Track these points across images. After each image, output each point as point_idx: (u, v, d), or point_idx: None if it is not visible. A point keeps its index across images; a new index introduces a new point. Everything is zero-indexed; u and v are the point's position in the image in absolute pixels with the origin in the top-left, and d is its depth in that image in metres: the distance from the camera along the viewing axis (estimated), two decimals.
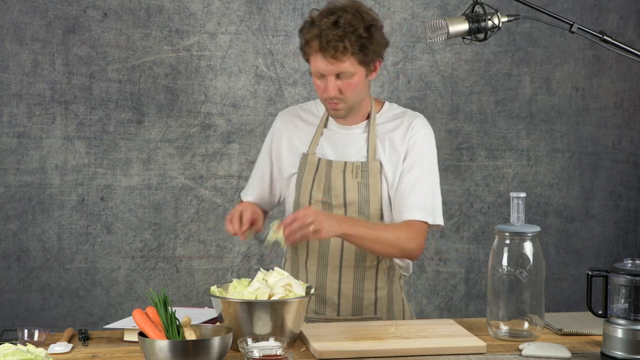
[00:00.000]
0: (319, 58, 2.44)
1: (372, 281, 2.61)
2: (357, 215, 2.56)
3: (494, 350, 2.24)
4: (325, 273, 2.59)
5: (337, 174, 2.57)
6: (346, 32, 2.41)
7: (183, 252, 3.88)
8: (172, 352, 1.98)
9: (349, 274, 2.59)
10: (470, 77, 4.02)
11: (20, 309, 3.76)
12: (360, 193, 2.56)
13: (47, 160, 3.76)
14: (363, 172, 2.56)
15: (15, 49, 3.70)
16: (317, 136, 2.62)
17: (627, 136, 4.17)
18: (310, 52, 2.46)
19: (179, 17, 3.79)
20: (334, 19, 2.43)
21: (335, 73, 2.46)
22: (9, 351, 1.98)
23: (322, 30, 2.42)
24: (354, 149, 2.59)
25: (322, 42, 2.42)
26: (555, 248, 4.14)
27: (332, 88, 2.47)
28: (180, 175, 3.85)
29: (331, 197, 2.57)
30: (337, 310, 2.61)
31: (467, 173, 4.05)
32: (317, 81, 2.51)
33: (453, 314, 4.05)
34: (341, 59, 2.43)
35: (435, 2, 3.95)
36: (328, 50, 2.42)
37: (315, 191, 2.58)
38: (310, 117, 2.67)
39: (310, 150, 2.61)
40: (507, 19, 2.40)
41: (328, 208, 2.57)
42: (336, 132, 2.62)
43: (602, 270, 2.16)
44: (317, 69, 2.47)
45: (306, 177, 2.60)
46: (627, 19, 4.11)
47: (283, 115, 2.71)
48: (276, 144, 2.69)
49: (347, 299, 2.60)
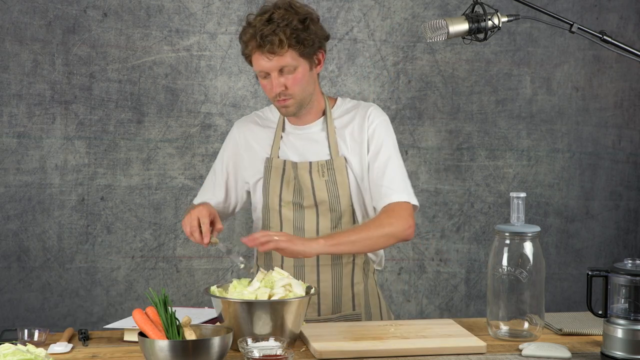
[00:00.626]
0: (258, 56, 2.46)
1: (349, 277, 2.61)
2: (329, 214, 2.57)
3: (494, 350, 2.24)
4: (302, 274, 2.59)
5: (304, 175, 2.57)
6: (280, 25, 2.44)
7: (183, 252, 3.88)
8: (172, 352, 1.98)
9: (326, 273, 2.59)
10: (470, 77, 4.02)
11: (20, 309, 3.76)
12: (329, 191, 2.56)
13: (47, 160, 3.76)
14: (329, 170, 2.56)
15: (15, 49, 3.70)
16: (277, 139, 2.62)
17: (627, 136, 4.17)
18: (251, 52, 2.48)
19: (179, 17, 3.79)
20: (267, 16, 2.46)
21: (277, 69, 2.47)
22: (9, 351, 1.98)
23: (257, 28, 2.44)
24: (315, 148, 2.59)
25: (257, 39, 2.44)
26: (555, 248, 4.14)
27: (277, 84, 2.48)
28: (180, 175, 3.85)
29: (302, 198, 2.57)
30: (317, 310, 2.61)
31: (468, 173, 4.05)
32: (262, 82, 2.52)
33: (453, 314, 4.05)
34: (279, 53, 2.45)
35: (435, 2, 3.95)
36: (265, 46, 2.43)
37: (285, 194, 2.58)
38: (267, 122, 2.67)
39: (273, 153, 2.61)
40: (507, 19, 2.40)
41: (299, 209, 2.58)
42: (294, 133, 2.62)
43: (602, 270, 2.16)
44: (260, 68, 2.48)
45: (273, 181, 2.60)
46: (627, 19, 4.11)
47: (239, 124, 2.71)
48: (234, 154, 2.68)
49: (327, 297, 2.60)
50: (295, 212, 2.58)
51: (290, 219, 2.59)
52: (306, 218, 2.58)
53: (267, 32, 2.43)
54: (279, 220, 2.60)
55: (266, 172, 2.61)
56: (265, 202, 2.62)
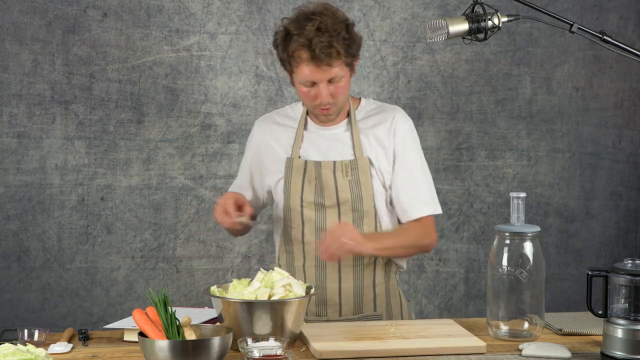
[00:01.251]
0: (311, 67, 2.43)
1: (370, 278, 2.61)
2: (351, 213, 2.57)
3: (494, 350, 2.24)
4: (324, 275, 2.59)
5: (327, 174, 2.56)
6: (332, 36, 2.41)
7: (183, 252, 3.88)
8: (172, 352, 1.98)
9: (348, 273, 2.59)
10: (470, 77, 4.02)
11: (20, 309, 3.76)
12: (352, 191, 2.56)
13: (47, 160, 3.76)
14: (353, 170, 2.56)
15: (15, 49, 3.70)
16: (299, 139, 2.61)
17: (627, 136, 4.17)
18: (298, 62, 2.44)
19: (179, 17, 3.79)
20: (316, 25, 2.41)
21: (327, 79, 2.45)
22: (9, 351, 1.98)
23: (310, 38, 2.40)
24: (340, 148, 2.59)
25: (313, 51, 2.40)
26: (555, 248, 4.15)
27: (326, 95, 2.47)
28: (180, 175, 3.85)
29: (324, 198, 2.57)
30: (338, 310, 2.61)
31: (467, 173, 4.05)
32: (304, 89, 2.49)
33: (453, 314, 4.05)
34: (333, 64, 2.43)
35: (435, 2, 3.95)
36: (321, 59, 2.41)
37: (306, 194, 2.58)
38: (288, 121, 2.66)
39: (293, 153, 2.60)
40: (507, 19, 2.40)
41: (321, 209, 2.57)
42: (318, 133, 2.62)
43: (602, 270, 2.16)
44: (308, 78, 2.45)
45: (294, 180, 2.59)
46: (627, 19, 4.11)
47: (260, 124, 2.70)
48: (255, 154, 2.68)
49: (348, 298, 2.60)
50: (316, 212, 2.58)
51: (312, 219, 2.58)
52: (328, 218, 2.58)
53: (321, 43, 2.39)
54: (300, 221, 2.60)
55: (287, 172, 2.60)
56: (286, 202, 2.61)
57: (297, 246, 2.61)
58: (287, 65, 2.50)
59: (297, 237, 2.60)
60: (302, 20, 2.44)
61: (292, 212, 2.60)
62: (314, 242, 2.57)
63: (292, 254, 2.63)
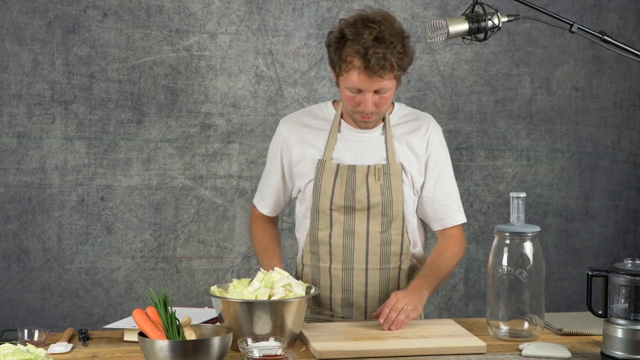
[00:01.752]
0: (363, 76, 2.41)
1: (395, 281, 2.62)
2: (380, 218, 2.57)
3: (494, 350, 2.25)
4: (351, 277, 2.60)
5: (360, 178, 2.56)
6: (389, 48, 2.39)
7: (183, 253, 3.88)
8: (172, 352, 1.98)
9: (374, 277, 2.60)
10: (470, 77, 4.02)
11: (20, 309, 3.76)
12: (383, 195, 2.56)
13: (47, 160, 3.76)
14: (385, 175, 2.56)
15: (15, 49, 3.70)
16: (332, 141, 2.59)
17: (627, 136, 4.17)
18: (350, 68, 2.42)
19: (179, 17, 3.79)
20: (374, 34, 2.39)
21: (375, 89, 2.44)
22: (9, 351, 1.98)
23: (366, 47, 2.38)
24: (374, 152, 2.58)
25: (369, 60, 2.38)
26: (555, 248, 4.15)
27: (371, 104, 2.47)
28: (180, 175, 3.85)
29: (354, 202, 2.56)
30: (364, 313, 2.62)
31: (467, 173, 4.05)
32: (348, 94, 2.47)
33: (453, 314, 4.05)
34: (384, 77, 2.42)
35: (435, 2, 3.95)
36: (374, 70, 2.39)
37: (336, 197, 2.57)
38: (318, 122, 2.64)
39: (326, 156, 2.59)
40: (507, 19, 2.40)
41: (350, 212, 2.57)
42: (352, 135, 2.60)
43: (602, 270, 2.16)
44: (357, 85, 2.44)
45: (325, 183, 2.57)
46: (627, 19, 4.11)
47: (288, 123, 2.66)
48: (286, 154, 2.65)
49: (374, 301, 2.60)
50: (346, 215, 2.57)
51: (340, 222, 2.58)
52: (357, 221, 2.58)
53: (377, 55, 2.37)
54: (329, 223, 2.59)
55: (318, 174, 2.58)
56: (315, 204, 2.60)
57: (324, 248, 2.60)
58: (336, 68, 2.47)
59: (324, 239, 2.60)
60: (361, 26, 2.42)
61: (320, 214, 2.59)
62: (342, 244, 2.59)
63: (318, 255, 2.62)
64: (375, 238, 2.57)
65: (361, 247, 2.57)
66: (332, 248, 2.59)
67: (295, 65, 3.87)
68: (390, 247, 2.58)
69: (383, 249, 2.58)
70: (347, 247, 2.58)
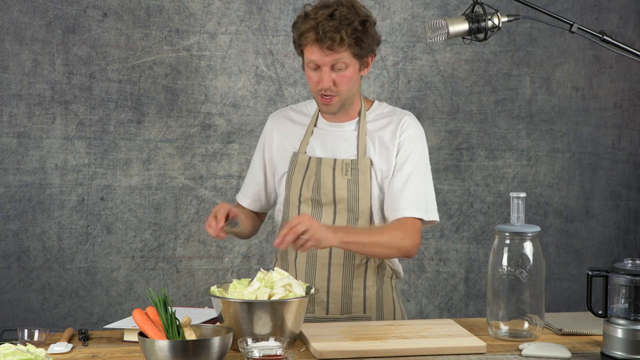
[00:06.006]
0: (315, 49, 2.48)
1: (360, 279, 2.61)
2: (347, 213, 2.58)
3: (494, 350, 2.25)
4: (314, 271, 2.60)
5: (326, 171, 2.58)
6: (342, 24, 2.46)
7: (183, 253, 3.88)
8: (172, 352, 1.98)
9: (337, 272, 2.60)
10: (470, 77, 4.02)
11: (20, 309, 3.76)
12: (349, 190, 2.57)
13: (47, 160, 3.76)
14: (353, 170, 2.57)
15: (15, 49, 3.70)
16: (308, 135, 2.65)
17: (627, 136, 4.17)
18: (306, 43, 2.50)
19: (179, 17, 3.79)
20: (329, 11, 2.47)
21: (330, 64, 2.49)
22: (9, 351, 1.98)
23: (319, 22, 2.46)
24: (344, 147, 2.61)
25: (318, 33, 2.45)
26: (555, 248, 4.15)
27: (327, 79, 2.50)
28: (180, 175, 3.85)
29: (320, 195, 2.58)
30: (325, 308, 2.61)
31: (467, 173, 4.05)
32: (310, 73, 2.53)
33: (453, 314, 4.05)
34: (337, 50, 2.47)
35: (435, 2, 3.95)
36: (324, 41, 2.45)
37: (304, 189, 2.60)
38: (301, 117, 2.70)
39: (300, 149, 2.64)
40: (507, 19, 2.41)
41: (317, 206, 2.59)
42: (326, 130, 2.64)
43: (602, 270, 2.16)
44: (313, 60, 2.50)
45: (296, 175, 2.62)
46: (627, 19, 4.11)
47: (273, 117, 2.75)
48: (268, 147, 2.72)
49: (336, 297, 2.60)
50: (313, 208, 2.60)
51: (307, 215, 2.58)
52: (323, 215, 2.59)
53: (329, 28, 2.45)
54: (297, 215, 2.61)
55: (291, 166, 2.63)
56: (287, 196, 2.64)
57: None
58: (297, 47, 2.56)
59: None
60: (320, 6, 2.50)
61: (290, 206, 2.63)
62: None
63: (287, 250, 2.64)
64: None
65: None
66: None
67: (296, 65, 3.87)
68: None
69: None
70: None
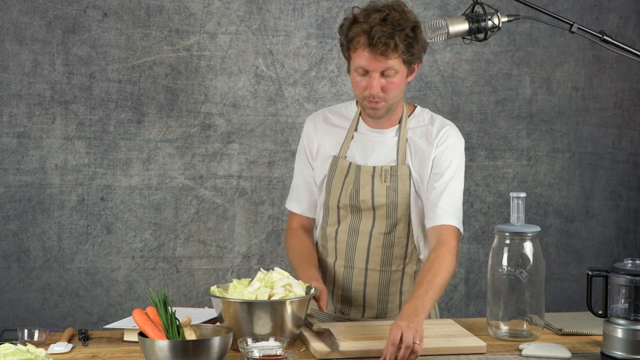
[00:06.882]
0: (367, 54, 2.42)
1: (397, 285, 2.62)
2: (385, 219, 2.56)
3: (494, 350, 2.25)
4: (351, 275, 2.61)
5: (365, 179, 2.56)
6: (395, 29, 2.40)
7: (183, 252, 3.88)
8: (172, 352, 1.98)
9: (374, 277, 2.60)
10: (470, 77, 4.02)
11: (20, 309, 3.76)
12: (388, 197, 2.55)
13: (47, 160, 3.76)
14: (392, 177, 2.55)
15: (15, 49, 3.70)
16: (348, 139, 2.61)
17: (627, 136, 4.17)
18: (356, 47, 2.44)
19: (179, 17, 3.79)
20: (382, 16, 2.41)
21: (381, 70, 2.43)
22: (9, 351, 1.98)
23: (372, 26, 2.39)
24: (384, 153, 2.58)
25: (372, 38, 2.39)
26: (555, 248, 4.15)
27: (377, 85, 2.44)
28: (180, 175, 3.85)
29: (359, 202, 2.57)
30: (362, 312, 2.62)
31: (467, 173, 4.05)
32: (357, 78, 2.47)
33: (453, 314, 4.05)
34: (389, 56, 2.41)
35: (435, 2, 3.95)
36: (378, 47, 2.39)
37: (343, 196, 2.58)
38: (340, 120, 2.65)
39: (341, 153, 2.61)
40: (507, 19, 2.41)
41: (357, 211, 2.58)
42: (367, 135, 2.61)
43: (602, 270, 2.16)
44: (362, 65, 2.44)
45: (336, 180, 2.60)
46: (627, 19, 4.11)
47: (312, 120, 2.70)
48: (309, 149, 2.68)
49: (372, 301, 2.61)
50: (352, 213, 2.59)
51: (347, 220, 2.60)
52: (362, 221, 2.58)
53: (382, 33, 2.39)
54: (336, 219, 2.61)
55: (331, 170, 2.61)
56: (326, 200, 2.63)
57: (330, 243, 2.63)
58: (345, 51, 2.50)
59: (332, 234, 2.63)
60: (371, 10, 2.45)
61: (330, 210, 2.62)
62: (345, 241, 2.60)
63: (327, 249, 2.65)
64: (378, 239, 2.57)
65: (363, 246, 2.58)
66: (337, 244, 2.62)
67: (296, 65, 3.87)
68: (393, 249, 2.58)
69: (384, 251, 2.58)
70: (350, 245, 2.59)
